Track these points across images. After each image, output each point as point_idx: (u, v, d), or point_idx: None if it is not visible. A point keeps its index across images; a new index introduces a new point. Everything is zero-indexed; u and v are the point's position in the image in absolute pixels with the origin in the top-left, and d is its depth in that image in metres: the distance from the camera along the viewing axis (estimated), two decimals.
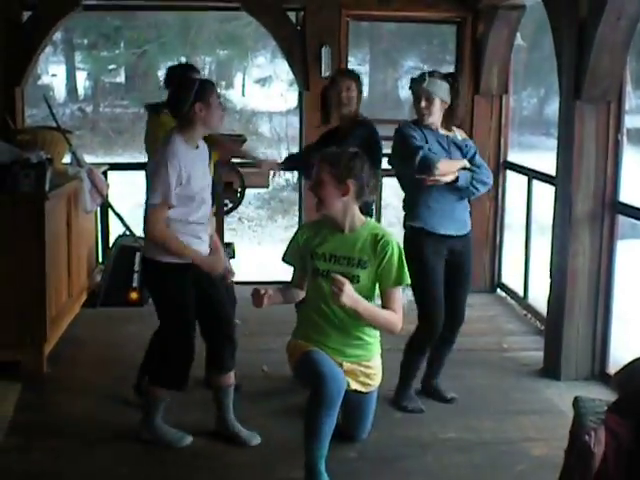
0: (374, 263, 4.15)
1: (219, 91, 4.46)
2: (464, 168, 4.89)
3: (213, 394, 4.64)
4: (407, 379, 5.08)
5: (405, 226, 5.03)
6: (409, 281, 4.22)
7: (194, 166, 4.29)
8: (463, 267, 5.06)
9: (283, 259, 4.39)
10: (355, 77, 5.33)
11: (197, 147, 4.39)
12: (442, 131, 4.96)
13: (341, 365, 4.23)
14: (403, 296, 4.34)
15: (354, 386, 4.30)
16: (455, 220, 4.95)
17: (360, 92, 5.32)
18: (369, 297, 4.16)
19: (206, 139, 4.52)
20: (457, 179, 4.84)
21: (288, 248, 4.37)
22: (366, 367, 4.34)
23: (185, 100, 4.21)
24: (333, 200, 4.12)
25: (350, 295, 3.91)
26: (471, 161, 4.96)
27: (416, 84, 4.90)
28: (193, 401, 4.90)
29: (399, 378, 5.07)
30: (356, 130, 5.16)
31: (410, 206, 4.98)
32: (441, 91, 4.86)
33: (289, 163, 5.96)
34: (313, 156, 4.80)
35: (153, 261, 4.36)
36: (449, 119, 4.95)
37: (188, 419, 4.78)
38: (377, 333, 4.37)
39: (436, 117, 4.91)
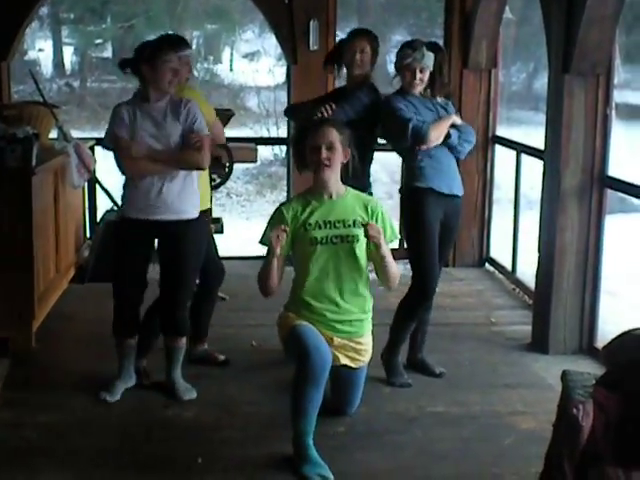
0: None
1: (205, 65, 4.66)
2: (452, 125, 4.95)
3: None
4: (396, 344, 5.07)
5: (408, 188, 5.01)
6: (399, 236, 4.42)
7: (142, 122, 4.60)
8: (452, 230, 5.10)
9: (261, 241, 4.35)
10: (371, 37, 5.20)
11: (155, 102, 4.63)
12: (428, 95, 5.02)
13: (332, 340, 4.23)
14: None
15: (344, 361, 4.30)
16: (455, 179, 5.03)
17: (375, 54, 5.19)
18: (367, 257, 4.27)
19: None
20: (449, 135, 4.91)
21: (267, 230, 4.34)
22: (357, 343, 4.34)
23: (134, 61, 4.61)
24: (338, 165, 4.24)
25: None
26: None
27: (412, 56, 4.88)
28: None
29: (387, 342, 5.07)
30: (361, 93, 5.09)
31: (413, 168, 4.96)
32: (431, 62, 4.91)
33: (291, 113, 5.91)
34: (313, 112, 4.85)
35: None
36: (432, 85, 4.98)
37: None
38: (370, 309, 4.38)
39: (424, 85, 4.97)
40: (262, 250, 4.35)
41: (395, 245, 6.80)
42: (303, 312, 4.28)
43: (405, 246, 5.16)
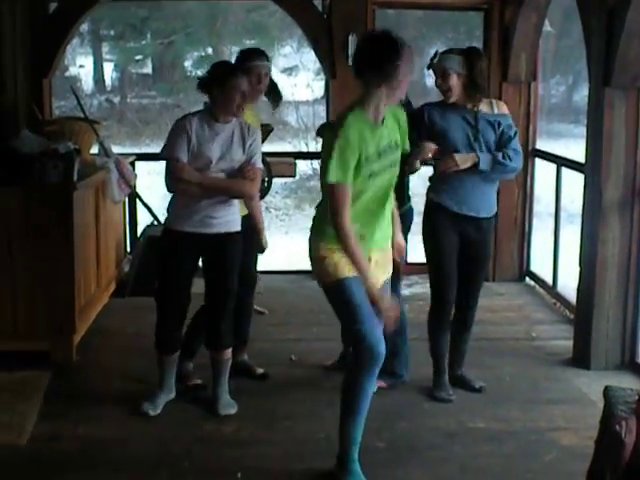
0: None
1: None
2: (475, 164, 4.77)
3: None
4: (438, 363, 5.06)
5: (426, 198, 5.00)
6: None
7: (208, 139, 4.61)
8: (479, 248, 4.99)
9: None
10: None
11: (223, 122, 4.65)
12: (470, 106, 4.85)
13: (370, 259, 3.98)
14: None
15: (382, 278, 4.08)
16: (477, 201, 4.87)
17: None
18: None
19: None
20: (478, 164, 4.78)
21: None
22: (387, 251, 4.15)
23: (207, 81, 4.62)
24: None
25: None
26: (501, 140, 4.88)
27: (431, 63, 4.84)
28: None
29: (433, 366, 5.07)
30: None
31: (433, 179, 4.96)
32: (455, 64, 4.76)
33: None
34: None
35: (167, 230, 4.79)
36: (471, 92, 4.80)
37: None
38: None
39: (457, 92, 4.81)
40: (302, 265, 4.34)
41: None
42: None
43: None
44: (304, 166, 15.52)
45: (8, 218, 5.34)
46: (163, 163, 4.70)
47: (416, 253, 7.83)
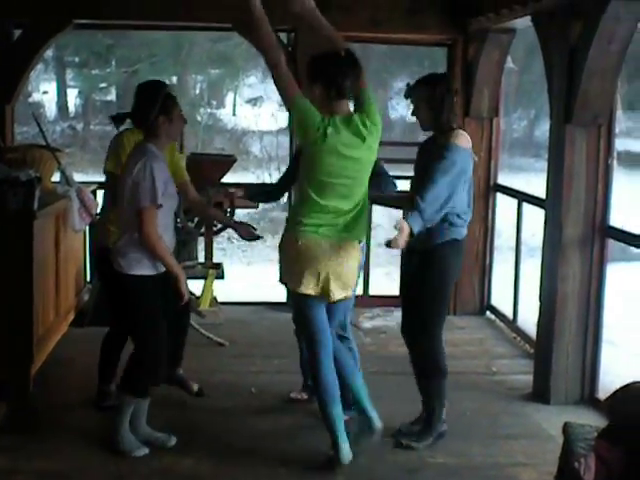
0: None
1: (208, 110, 4.68)
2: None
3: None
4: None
5: (442, 242, 4.67)
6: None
7: (167, 172, 4.55)
8: None
9: None
10: None
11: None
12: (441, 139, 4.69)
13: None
14: None
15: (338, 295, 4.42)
16: None
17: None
18: None
19: (193, 161, 4.61)
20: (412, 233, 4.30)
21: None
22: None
23: (149, 113, 4.47)
24: None
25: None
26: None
27: (407, 93, 4.80)
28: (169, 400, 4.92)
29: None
30: None
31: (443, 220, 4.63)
32: (423, 95, 4.68)
33: (260, 197, 5.87)
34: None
35: (127, 275, 4.50)
36: (436, 122, 4.69)
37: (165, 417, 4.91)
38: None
39: (427, 123, 4.74)
40: (263, 296, 4.34)
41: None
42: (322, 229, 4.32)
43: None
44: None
45: None
46: None
47: (377, 286, 7.89)
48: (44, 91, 25.38)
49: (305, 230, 4.28)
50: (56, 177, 6.48)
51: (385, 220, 13.67)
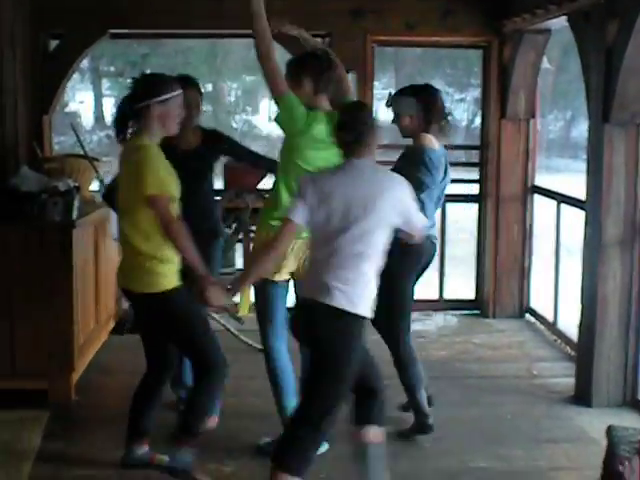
0: None
1: (243, 116, 4.64)
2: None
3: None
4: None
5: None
6: None
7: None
8: None
9: None
10: None
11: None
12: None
13: None
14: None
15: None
16: None
17: None
18: None
19: (230, 169, 4.56)
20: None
21: None
22: None
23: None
24: None
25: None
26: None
27: (387, 103, 5.07)
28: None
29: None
30: None
31: None
32: (405, 107, 4.94)
33: None
34: None
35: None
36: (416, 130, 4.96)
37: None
38: None
39: (410, 132, 4.98)
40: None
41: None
42: None
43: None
44: None
45: (7, 256, 5.34)
46: None
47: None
48: (81, 101, 25.63)
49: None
50: (94, 186, 6.54)
51: None
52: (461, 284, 8.58)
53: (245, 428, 5.06)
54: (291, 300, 4.54)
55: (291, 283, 4.66)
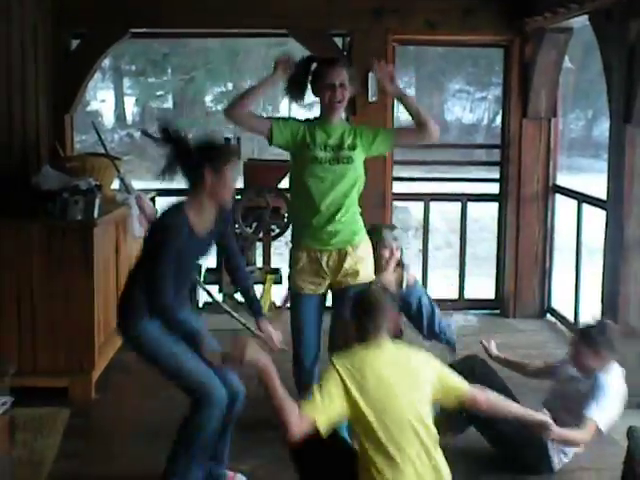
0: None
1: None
2: None
3: None
4: None
5: None
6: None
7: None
8: None
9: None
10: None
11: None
12: None
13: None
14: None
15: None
16: None
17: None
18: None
19: (250, 167, 4.49)
20: None
21: None
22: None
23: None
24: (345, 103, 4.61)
25: None
26: None
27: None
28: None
29: None
30: None
31: None
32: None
33: None
34: None
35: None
36: None
37: None
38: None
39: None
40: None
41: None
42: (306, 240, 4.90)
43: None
44: None
45: (29, 254, 5.37)
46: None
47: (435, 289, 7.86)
48: (102, 100, 25.72)
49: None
50: (115, 185, 6.56)
51: (443, 224, 13.63)
52: (481, 284, 8.55)
53: (265, 427, 5.06)
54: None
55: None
